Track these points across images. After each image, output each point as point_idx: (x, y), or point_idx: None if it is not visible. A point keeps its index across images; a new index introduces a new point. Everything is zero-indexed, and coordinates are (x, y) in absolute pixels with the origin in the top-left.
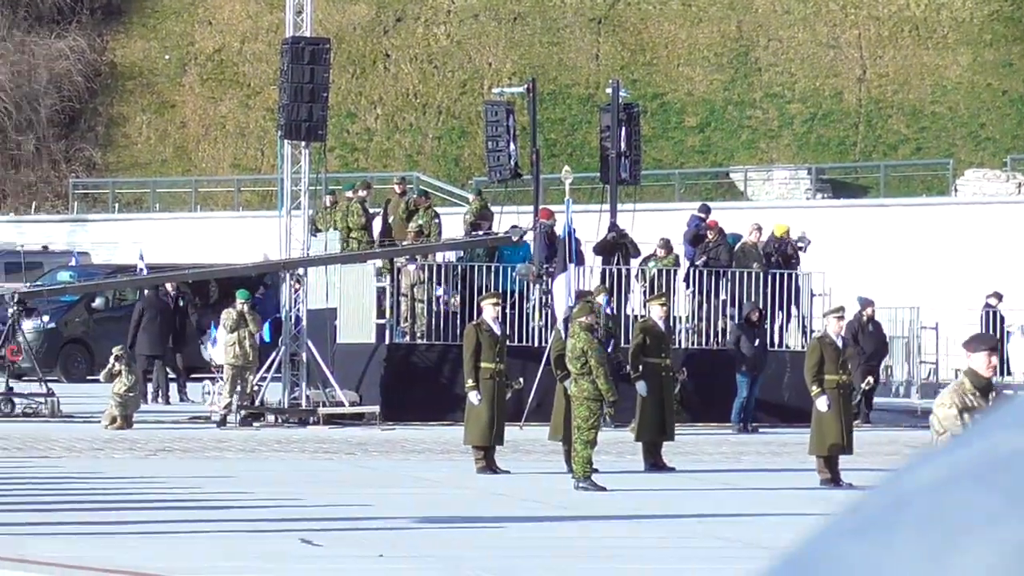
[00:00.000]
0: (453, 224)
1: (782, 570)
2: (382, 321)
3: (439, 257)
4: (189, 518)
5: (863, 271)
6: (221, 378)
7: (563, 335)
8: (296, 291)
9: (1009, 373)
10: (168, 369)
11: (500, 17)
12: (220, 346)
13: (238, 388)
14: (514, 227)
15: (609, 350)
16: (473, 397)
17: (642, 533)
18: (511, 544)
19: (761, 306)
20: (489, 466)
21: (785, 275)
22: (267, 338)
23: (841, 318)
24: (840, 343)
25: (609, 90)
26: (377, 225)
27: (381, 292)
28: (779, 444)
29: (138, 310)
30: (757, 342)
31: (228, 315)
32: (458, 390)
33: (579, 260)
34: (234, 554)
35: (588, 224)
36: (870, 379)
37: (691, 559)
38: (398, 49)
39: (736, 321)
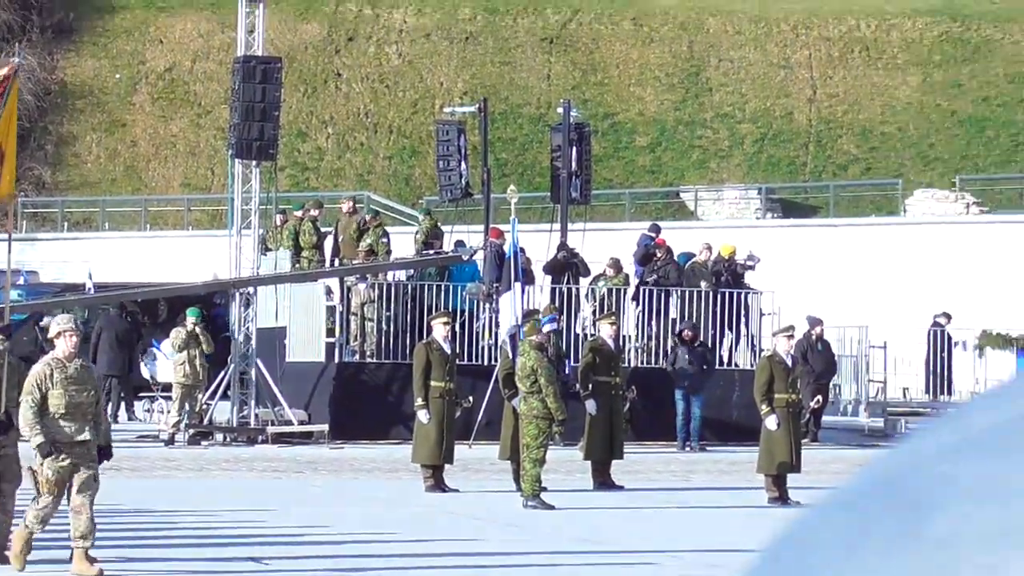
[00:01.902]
0: (404, 243)
1: (880, 494)
2: (332, 340)
3: (390, 276)
4: (139, 536)
5: (813, 290)
6: (164, 396)
7: (510, 354)
8: (245, 310)
9: (951, 392)
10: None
11: (452, 37)
12: (168, 364)
13: (187, 407)
14: (459, 243)
15: (567, 371)
16: (422, 416)
17: (593, 552)
18: (462, 562)
19: (711, 325)
20: (438, 484)
21: (734, 294)
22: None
23: (791, 337)
24: (790, 362)
25: (560, 110)
26: (329, 244)
27: (331, 311)
28: (728, 463)
29: (96, 329)
30: (691, 360)
31: (177, 334)
32: (407, 409)
33: (527, 279)
34: (185, 571)
35: (539, 243)
36: (819, 398)
37: None
38: (349, 68)
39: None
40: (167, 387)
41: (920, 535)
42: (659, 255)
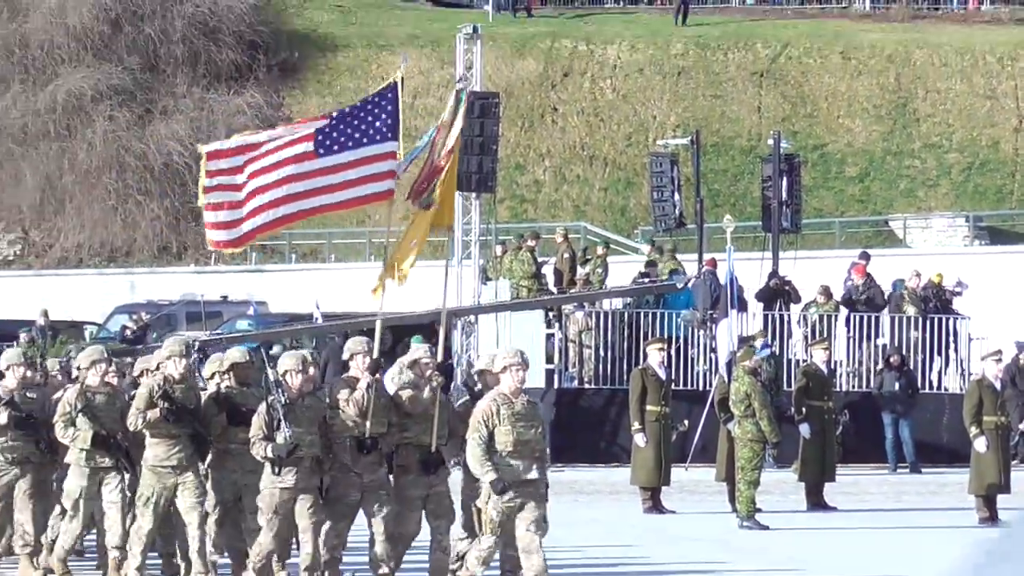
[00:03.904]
0: (619, 272)
1: None
2: (551, 366)
3: (606, 304)
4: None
5: (1021, 315)
6: None
7: (726, 379)
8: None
9: None
10: None
11: (664, 72)
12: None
13: None
14: (674, 271)
15: (782, 396)
16: (639, 439)
17: (809, 570)
18: None
19: (919, 350)
20: (656, 506)
21: (943, 319)
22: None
23: (999, 360)
24: (999, 385)
25: (771, 141)
26: (551, 273)
27: (550, 338)
28: (938, 484)
29: (324, 357)
30: (898, 385)
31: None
32: (625, 432)
33: (741, 306)
34: None
35: (751, 271)
36: None
37: None
38: (565, 103)
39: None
40: None
41: None
42: (856, 280)
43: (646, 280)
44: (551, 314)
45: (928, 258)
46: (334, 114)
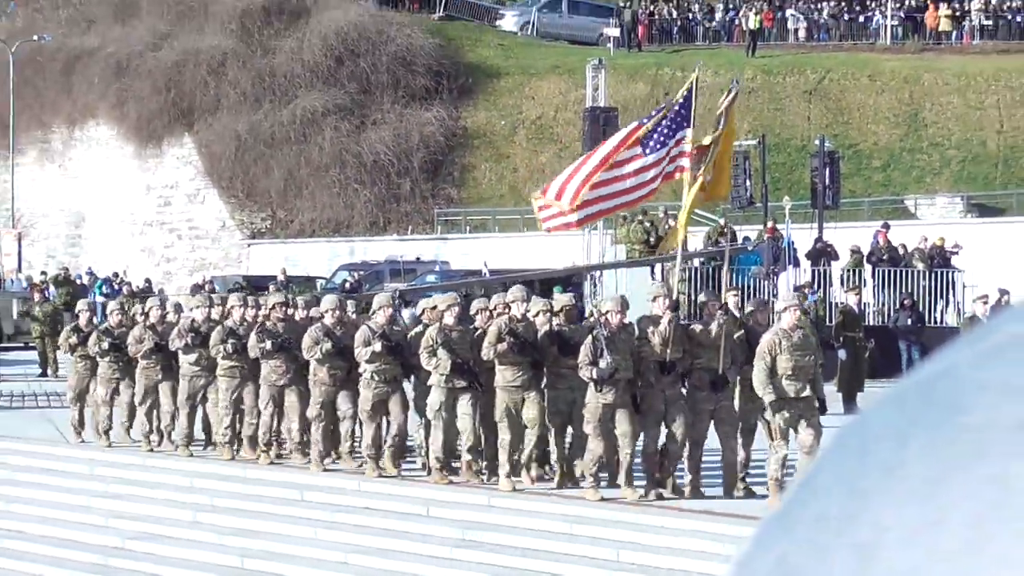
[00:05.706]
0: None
1: (923, 394)
2: None
3: (695, 262)
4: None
5: (1003, 270)
6: None
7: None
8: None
9: None
10: None
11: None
12: None
13: None
14: (746, 238)
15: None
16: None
17: None
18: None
19: (926, 295)
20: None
21: (944, 272)
22: None
23: (986, 303)
24: (985, 321)
25: (817, 142)
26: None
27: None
28: None
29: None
30: (911, 321)
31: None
32: None
33: (795, 263)
34: None
35: (802, 237)
36: None
37: None
38: None
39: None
40: None
41: (956, 424)
42: (881, 243)
43: (723, 244)
44: (655, 269)
45: (933, 227)
46: (649, 121)
